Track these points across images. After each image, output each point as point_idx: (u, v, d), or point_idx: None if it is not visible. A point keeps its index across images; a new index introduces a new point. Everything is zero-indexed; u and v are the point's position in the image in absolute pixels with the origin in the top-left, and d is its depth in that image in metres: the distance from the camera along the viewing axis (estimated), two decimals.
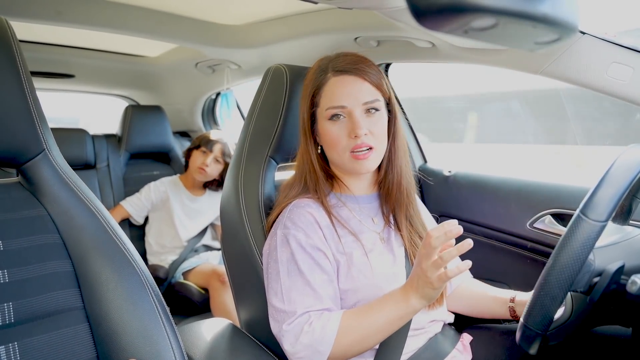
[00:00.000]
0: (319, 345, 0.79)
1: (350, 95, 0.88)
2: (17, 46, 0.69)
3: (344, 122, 0.88)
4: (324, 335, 0.79)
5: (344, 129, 0.88)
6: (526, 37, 0.38)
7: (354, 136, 0.87)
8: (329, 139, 0.90)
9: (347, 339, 0.80)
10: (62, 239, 0.70)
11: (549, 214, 1.20)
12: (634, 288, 0.69)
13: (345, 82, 0.89)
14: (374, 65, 0.92)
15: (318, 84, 0.91)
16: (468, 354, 0.98)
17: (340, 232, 0.89)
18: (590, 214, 0.66)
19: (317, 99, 0.91)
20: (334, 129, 0.89)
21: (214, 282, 1.77)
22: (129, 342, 0.66)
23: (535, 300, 0.70)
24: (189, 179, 2.05)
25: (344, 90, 0.88)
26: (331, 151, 0.92)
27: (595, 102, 1.83)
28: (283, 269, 0.86)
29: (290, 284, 0.84)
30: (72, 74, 2.15)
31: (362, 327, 0.80)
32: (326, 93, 0.90)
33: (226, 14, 1.48)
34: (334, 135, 0.89)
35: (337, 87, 0.89)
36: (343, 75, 0.89)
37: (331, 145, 0.90)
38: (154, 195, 2.00)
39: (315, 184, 0.94)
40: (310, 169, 0.94)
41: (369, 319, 0.80)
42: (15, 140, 0.69)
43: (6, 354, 0.59)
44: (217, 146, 1.99)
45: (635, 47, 0.89)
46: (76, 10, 1.31)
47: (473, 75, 2.22)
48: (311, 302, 0.82)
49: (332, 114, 0.88)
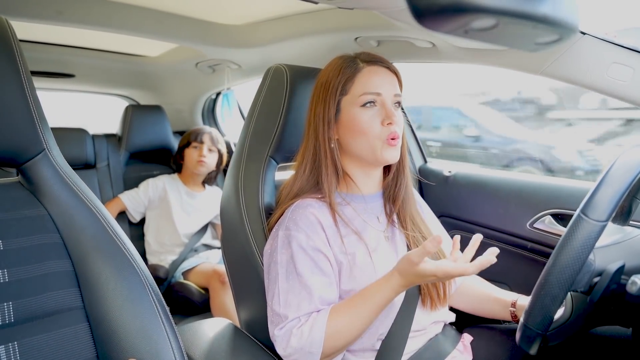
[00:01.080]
0: (310, 347, 0.79)
1: (385, 84, 0.89)
2: (17, 46, 0.69)
3: (376, 110, 0.88)
4: (312, 338, 0.79)
5: (376, 117, 0.88)
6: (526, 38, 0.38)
7: (387, 123, 0.87)
8: (359, 126, 0.88)
9: (336, 335, 0.80)
10: (62, 238, 0.70)
11: (549, 214, 1.20)
12: (634, 288, 0.69)
13: (380, 71, 0.90)
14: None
15: (351, 71, 0.90)
16: (469, 354, 0.98)
17: (343, 231, 0.89)
18: (591, 213, 0.66)
19: (349, 86, 0.90)
20: (366, 115, 0.88)
21: (214, 282, 1.77)
22: (129, 342, 0.66)
23: (536, 300, 0.70)
24: (186, 175, 2.06)
25: (380, 78, 0.89)
26: (358, 139, 0.89)
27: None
28: (282, 271, 0.85)
29: (288, 286, 0.84)
30: (72, 74, 2.15)
31: (350, 320, 0.80)
32: (360, 80, 0.89)
33: (226, 14, 1.48)
34: (365, 122, 0.88)
35: (372, 75, 0.89)
36: (377, 66, 0.90)
37: (360, 133, 0.89)
38: (152, 191, 2.01)
39: (327, 178, 0.92)
40: (326, 163, 0.92)
41: (356, 310, 0.81)
42: (15, 140, 0.69)
43: (6, 354, 0.59)
44: (205, 136, 2.03)
45: (635, 48, 0.89)
46: (76, 10, 1.31)
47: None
48: (305, 306, 0.82)
49: (368, 100, 0.88)
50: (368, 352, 0.88)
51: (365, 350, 0.88)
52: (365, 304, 0.80)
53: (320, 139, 0.92)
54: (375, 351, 0.88)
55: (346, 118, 0.90)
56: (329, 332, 0.79)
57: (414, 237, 0.95)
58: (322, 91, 0.92)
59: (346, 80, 0.90)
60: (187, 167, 2.05)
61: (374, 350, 0.88)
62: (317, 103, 0.93)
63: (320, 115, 0.91)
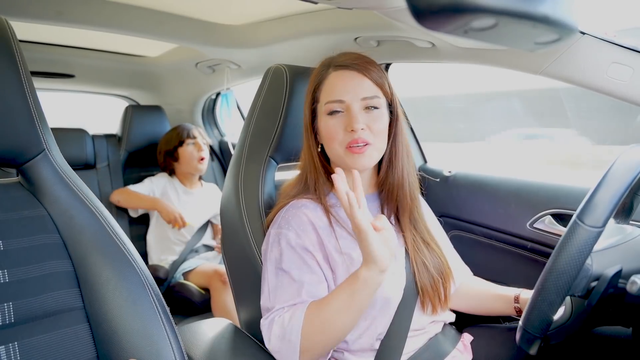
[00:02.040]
0: (289, 335, 0.78)
1: (349, 90, 0.87)
2: (17, 46, 0.69)
3: (342, 116, 0.88)
4: (292, 325, 0.78)
5: (341, 123, 0.88)
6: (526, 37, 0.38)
7: (350, 130, 0.86)
8: (326, 133, 0.90)
9: (314, 324, 0.77)
10: (62, 239, 0.70)
11: (549, 214, 1.20)
12: (634, 288, 0.69)
13: (344, 76, 0.89)
14: (376, 65, 0.92)
15: (319, 79, 0.92)
16: (469, 353, 0.98)
17: (338, 232, 0.89)
18: (587, 220, 0.66)
19: (318, 94, 0.92)
20: (332, 123, 0.89)
21: (215, 282, 1.77)
22: (129, 342, 0.66)
23: (533, 305, 0.70)
24: (183, 175, 2.07)
25: (343, 84, 0.88)
26: (329, 146, 0.91)
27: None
28: (271, 267, 0.86)
29: (276, 282, 0.85)
30: (72, 74, 2.15)
31: (328, 312, 0.77)
32: (326, 88, 0.90)
33: (226, 14, 1.48)
34: (331, 129, 0.89)
35: (336, 81, 0.89)
36: (343, 70, 0.89)
37: (329, 140, 0.90)
38: (155, 186, 2.02)
39: (315, 182, 0.93)
40: (311, 167, 0.94)
41: (330, 300, 0.78)
42: (15, 140, 0.69)
43: (6, 354, 0.59)
44: (193, 131, 2.04)
45: (635, 47, 0.89)
46: (76, 10, 1.31)
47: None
48: (291, 298, 0.82)
49: (331, 109, 0.88)
50: (367, 352, 0.88)
51: (365, 350, 0.88)
52: (342, 295, 0.77)
53: (307, 144, 0.95)
54: (374, 351, 0.88)
55: (319, 125, 0.92)
56: (308, 324, 0.77)
57: (413, 239, 0.95)
58: (306, 97, 0.95)
59: (315, 88, 0.92)
60: (184, 167, 2.04)
61: (374, 350, 0.88)
62: (304, 108, 0.96)
63: (304, 122, 0.95)
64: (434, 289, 0.92)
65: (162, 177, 2.07)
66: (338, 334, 0.79)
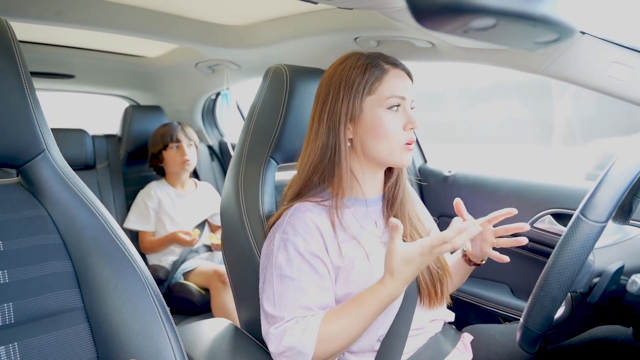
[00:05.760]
0: (301, 347, 0.79)
1: (408, 89, 0.90)
2: (17, 46, 0.69)
3: (399, 113, 0.89)
4: (305, 339, 0.79)
5: (399, 120, 0.88)
6: (526, 37, 0.38)
7: (410, 128, 0.88)
8: (382, 128, 0.87)
9: (329, 340, 0.79)
10: (62, 239, 0.70)
11: (549, 213, 1.20)
12: (634, 288, 0.69)
13: (403, 76, 0.91)
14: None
15: (379, 72, 0.89)
16: (469, 353, 0.98)
17: (341, 237, 0.88)
18: (590, 214, 0.66)
19: (375, 87, 0.88)
20: (391, 118, 0.88)
21: (216, 282, 1.77)
22: (129, 342, 0.66)
23: (535, 301, 0.70)
24: (172, 177, 2.06)
25: (404, 83, 0.90)
26: (379, 141, 0.88)
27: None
28: (277, 273, 0.85)
29: (282, 289, 0.84)
30: (72, 74, 2.15)
31: (343, 326, 0.79)
32: (388, 82, 0.88)
33: (226, 14, 1.48)
34: (390, 125, 0.87)
35: (399, 78, 0.90)
36: (400, 70, 0.91)
37: (383, 135, 0.87)
38: (149, 202, 1.99)
39: (340, 178, 0.89)
40: (338, 163, 0.89)
41: (350, 316, 0.80)
42: (15, 141, 0.69)
43: (6, 354, 0.59)
44: (180, 134, 2.01)
45: (635, 47, 0.89)
46: (76, 10, 1.31)
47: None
48: (300, 310, 0.82)
49: (394, 103, 0.88)
50: (368, 353, 0.88)
51: (365, 352, 0.88)
52: (360, 309, 0.79)
53: (337, 138, 0.89)
54: (374, 352, 0.88)
55: (369, 119, 0.88)
56: (322, 336, 0.79)
57: (412, 238, 0.95)
58: (344, 89, 0.88)
59: (374, 79, 0.88)
60: (171, 169, 2.03)
61: (374, 351, 0.88)
62: (336, 100, 0.89)
63: (341, 113, 0.88)
64: (432, 283, 0.92)
65: (150, 187, 2.03)
66: (350, 342, 0.81)
